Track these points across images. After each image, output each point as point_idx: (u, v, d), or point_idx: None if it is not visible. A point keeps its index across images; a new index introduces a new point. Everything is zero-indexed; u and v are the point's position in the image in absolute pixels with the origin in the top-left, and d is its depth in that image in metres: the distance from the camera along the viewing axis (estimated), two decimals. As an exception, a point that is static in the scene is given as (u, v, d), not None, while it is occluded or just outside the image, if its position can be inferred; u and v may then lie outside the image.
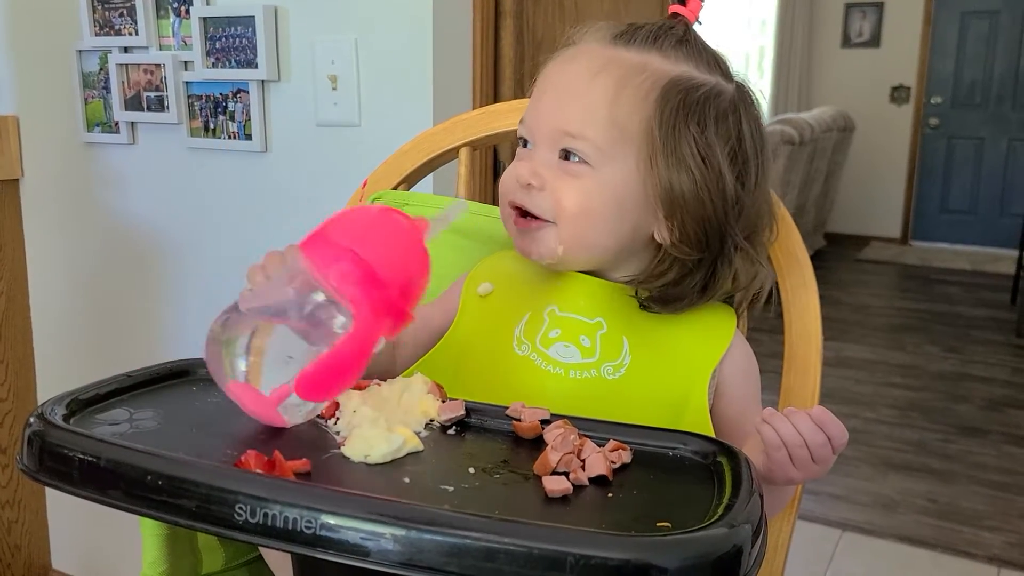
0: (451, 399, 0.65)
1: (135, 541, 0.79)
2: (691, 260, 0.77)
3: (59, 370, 1.95)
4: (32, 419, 0.58)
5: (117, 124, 1.77)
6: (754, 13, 5.84)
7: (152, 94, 1.74)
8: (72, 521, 2.02)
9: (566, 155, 0.77)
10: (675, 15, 0.81)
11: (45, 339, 1.96)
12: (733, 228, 0.76)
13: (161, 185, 1.77)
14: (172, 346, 1.82)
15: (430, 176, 1.20)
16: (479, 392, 0.74)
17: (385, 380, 0.68)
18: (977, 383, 3.68)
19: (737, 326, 0.80)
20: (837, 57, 6.32)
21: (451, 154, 1.00)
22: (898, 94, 6.09)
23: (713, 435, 0.73)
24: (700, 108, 0.76)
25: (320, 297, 0.62)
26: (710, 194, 0.75)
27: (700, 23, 0.81)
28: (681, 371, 0.77)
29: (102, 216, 1.83)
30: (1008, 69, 5.83)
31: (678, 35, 0.79)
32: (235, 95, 1.66)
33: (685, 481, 0.57)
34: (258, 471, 0.52)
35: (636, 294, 0.80)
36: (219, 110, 1.69)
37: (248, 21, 1.59)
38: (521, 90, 1.68)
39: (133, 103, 1.75)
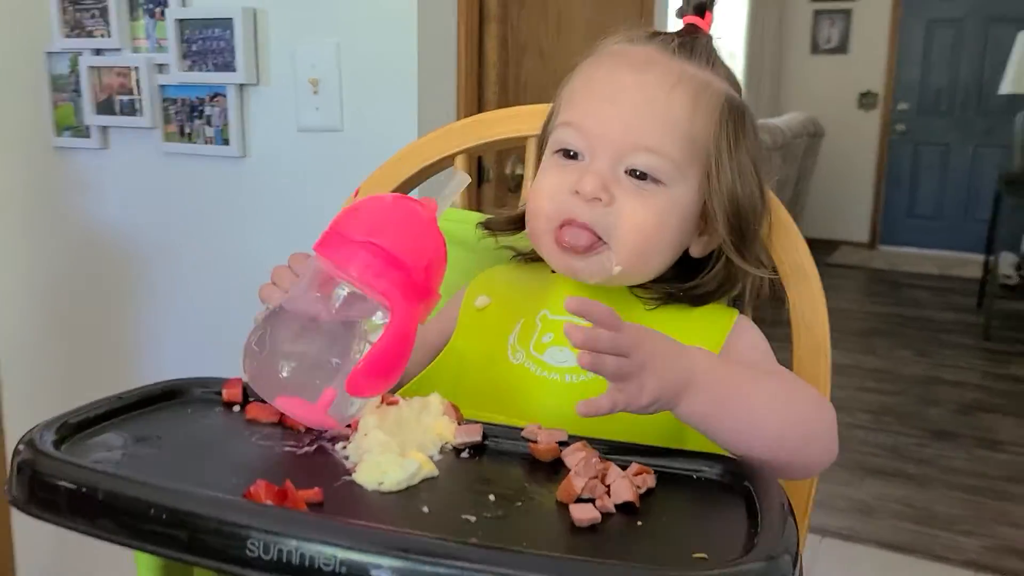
0: (468, 421, 0.62)
1: (107, 559, 0.75)
2: (727, 271, 0.78)
3: (26, 386, 1.88)
4: (21, 446, 0.55)
5: (88, 128, 1.72)
6: (724, 19, 5.87)
7: (125, 98, 1.69)
8: (39, 538, 1.95)
9: (633, 172, 0.73)
10: (693, 27, 0.80)
11: (11, 352, 1.89)
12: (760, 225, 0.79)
13: (134, 191, 1.72)
14: (146, 360, 1.77)
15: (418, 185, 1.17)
16: (477, 403, 0.72)
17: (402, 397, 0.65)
18: (948, 387, 3.72)
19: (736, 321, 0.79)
20: (806, 63, 6.37)
21: (446, 162, 0.97)
22: (866, 100, 6.16)
23: None
24: (747, 122, 0.78)
25: (345, 293, 0.62)
26: (759, 199, 0.77)
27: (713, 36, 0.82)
28: None
29: (72, 223, 1.78)
30: (973, 76, 5.91)
31: (717, 53, 0.80)
32: (212, 99, 1.62)
33: (714, 506, 0.55)
34: (269, 502, 0.49)
35: (634, 292, 0.79)
36: (195, 114, 1.64)
37: (226, 23, 1.56)
38: (505, 95, 1.66)
39: (105, 107, 1.70)
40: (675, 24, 0.85)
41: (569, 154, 0.76)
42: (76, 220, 1.77)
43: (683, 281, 0.78)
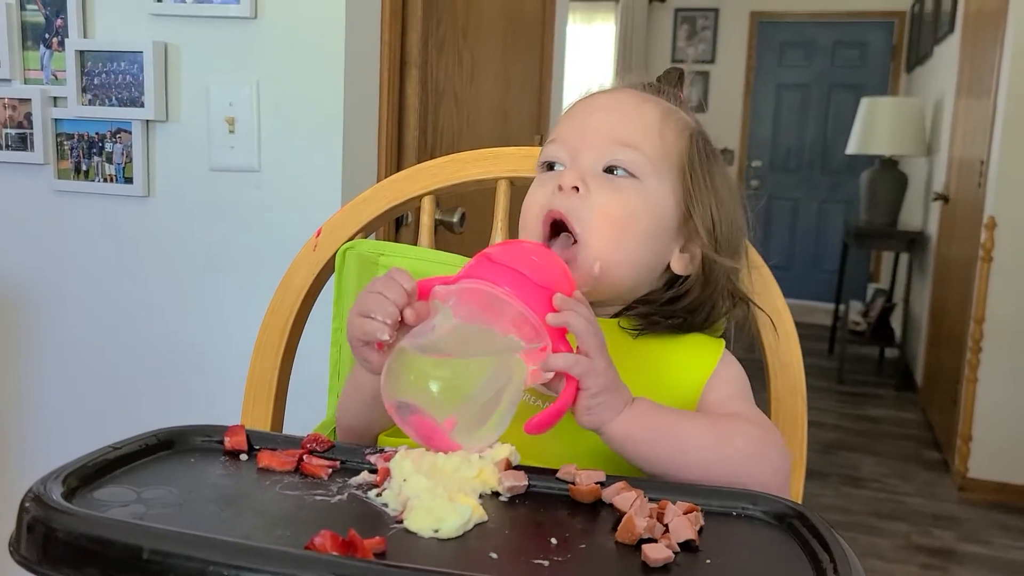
0: (514, 467, 0.61)
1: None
2: (704, 290, 0.80)
3: None
4: (28, 503, 0.49)
5: (-32, 163, 1.60)
6: (592, 78, 6.09)
7: (13, 131, 1.58)
8: None
9: (611, 169, 0.78)
10: None
11: None
12: (738, 259, 0.83)
13: (20, 232, 1.60)
14: (32, 416, 1.63)
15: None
16: None
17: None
18: (811, 428, 3.86)
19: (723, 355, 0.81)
20: (667, 121, 6.67)
21: (413, 203, 0.95)
22: (723, 156, 6.49)
23: None
24: (718, 159, 0.84)
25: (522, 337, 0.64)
26: (736, 226, 0.82)
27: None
28: (671, 394, 0.76)
29: (-53, 265, 1.63)
30: (817, 137, 6.37)
31: (686, 103, 0.87)
32: (114, 135, 1.54)
33: (766, 542, 0.55)
34: (336, 553, 0.46)
35: (623, 323, 0.80)
36: (94, 151, 1.55)
37: (134, 57, 1.48)
38: (425, 139, 1.65)
39: (-11, 140, 1.58)
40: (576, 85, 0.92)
41: (553, 166, 0.81)
42: (-49, 262, 1.63)
43: (670, 304, 0.80)
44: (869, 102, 4.72)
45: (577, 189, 0.76)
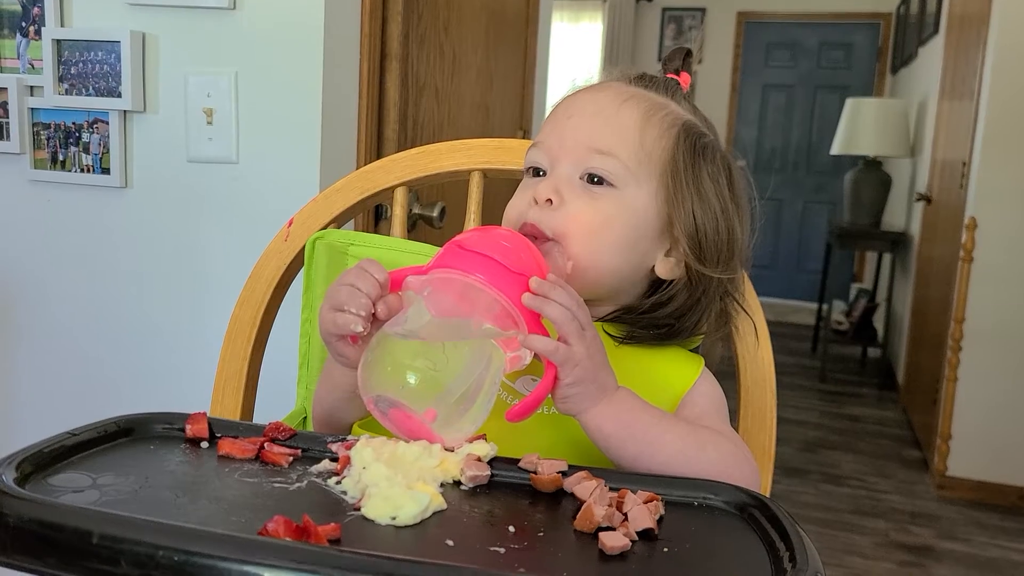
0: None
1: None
2: (691, 295, 0.78)
3: None
4: (-20, 488, 0.48)
5: (-58, 152, 1.58)
6: (579, 79, 6.09)
7: (-12, 120, 1.56)
8: None
9: (588, 177, 0.76)
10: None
11: None
12: (732, 268, 0.79)
13: (-5, 221, 1.58)
14: (5, 404, 1.62)
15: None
16: None
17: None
18: (793, 426, 3.93)
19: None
20: (653, 120, 6.68)
21: (386, 194, 0.95)
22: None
23: None
24: (710, 152, 0.79)
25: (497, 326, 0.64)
26: (726, 231, 0.78)
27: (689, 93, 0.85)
28: (653, 400, 0.76)
29: (-80, 255, 1.61)
30: (802, 138, 6.39)
31: (683, 93, 0.83)
32: (91, 125, 1.53)
33: (725, 532, 0.55)
34: (288, 539, 0.45)
35: (608, 328, 0.79)
36: (71, 141, 1.54)
37: (112, 47, 1.47)
38: (405, 133, 1.65)
39: (-36, 129, 1.56)
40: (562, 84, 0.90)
41: (536, 172, 0.79)
42: (-76, 252, 1.61)
43: (655, 310, 0.78)
44: (854, 103, 4.74)
45: (550, 202, 0.75)
